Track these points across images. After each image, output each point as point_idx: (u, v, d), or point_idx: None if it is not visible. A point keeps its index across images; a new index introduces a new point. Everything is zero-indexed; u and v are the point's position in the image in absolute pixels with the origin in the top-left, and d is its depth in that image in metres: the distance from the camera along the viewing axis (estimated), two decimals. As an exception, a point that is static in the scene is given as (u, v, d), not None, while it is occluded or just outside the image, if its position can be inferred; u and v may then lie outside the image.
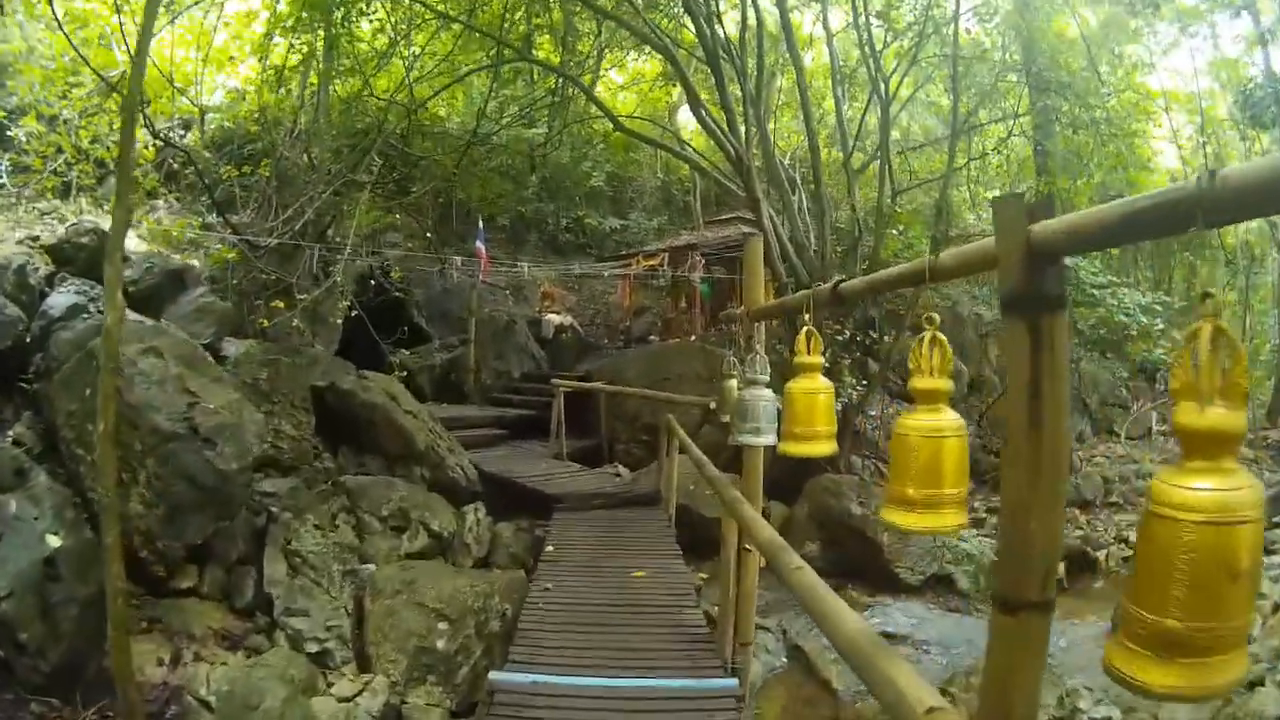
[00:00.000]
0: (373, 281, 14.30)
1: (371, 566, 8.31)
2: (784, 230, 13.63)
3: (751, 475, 5.26)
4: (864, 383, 13.53)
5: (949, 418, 2.25)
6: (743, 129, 13.24)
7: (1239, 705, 5.98)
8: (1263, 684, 6.18)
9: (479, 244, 16.35)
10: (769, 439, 4.27)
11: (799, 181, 16.90)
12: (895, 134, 17.09)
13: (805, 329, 3.51)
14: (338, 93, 14.99)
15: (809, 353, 3.53)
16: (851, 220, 15.24)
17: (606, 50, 19.78)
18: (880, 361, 13.89)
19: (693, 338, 16.86)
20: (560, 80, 17.78)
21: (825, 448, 3.59)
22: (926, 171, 19.43)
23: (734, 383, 5.40)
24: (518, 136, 20.19)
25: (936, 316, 2.33)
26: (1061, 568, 10.84)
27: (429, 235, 17.85)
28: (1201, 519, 1.35)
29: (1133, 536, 12.25)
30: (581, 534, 9.10)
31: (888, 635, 9.01)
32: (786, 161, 17.64)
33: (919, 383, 2.31)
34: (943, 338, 2.32)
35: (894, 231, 15.13)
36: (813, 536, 11.07)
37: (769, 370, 4.40)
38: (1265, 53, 18.34)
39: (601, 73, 21.91)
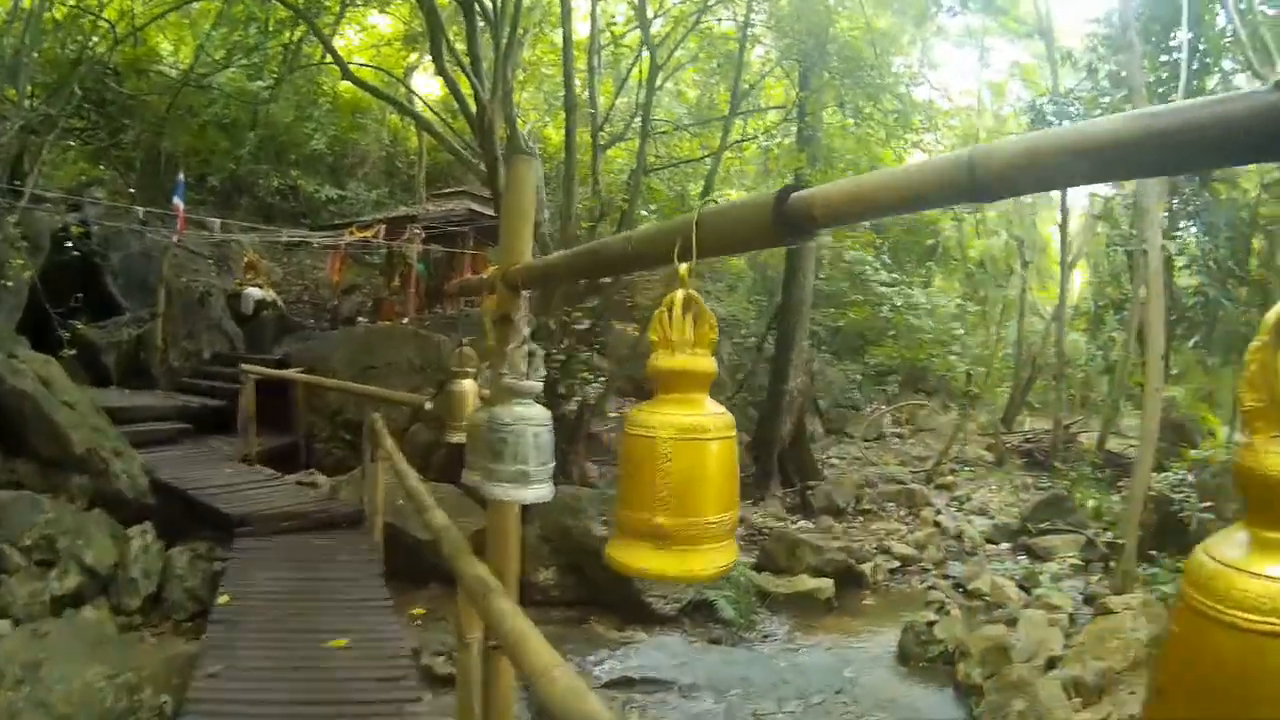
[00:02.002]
0: (68, 243, 12.51)
1: (6, 624, 6.19)
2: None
3: (504, 544, 2.95)
4: (600, 379, 12.23)
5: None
6: (489, 85, 11.63)
7: None
8: None
9: (176, 199, 14.21)
10: (540, 490, 2.64)
11: (539, 154, 15.52)
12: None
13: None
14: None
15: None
16: (596, 198, 14.03)
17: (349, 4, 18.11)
18: (608, 357, 12.74)
19: (405, 320, 15.26)
20: (295, 25, 16.00)
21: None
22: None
23: (469, 387, 3.81)
24: (242, 88, 18.89)
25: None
26: (830, 585, 10.33)
27: (131, 191, 15.92)
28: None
29: (896, 547, 12.31)
30: (267, 574, 6.93)
31: (648, 680, 7.71)
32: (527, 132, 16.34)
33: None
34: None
35: (644, 211, 13.95)
36: (546, 561, 9.37)
37: (542, 372, 2.74)
38: (1054, 75, 19.23)
39: (340, 28, 19.94)
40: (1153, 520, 10.62)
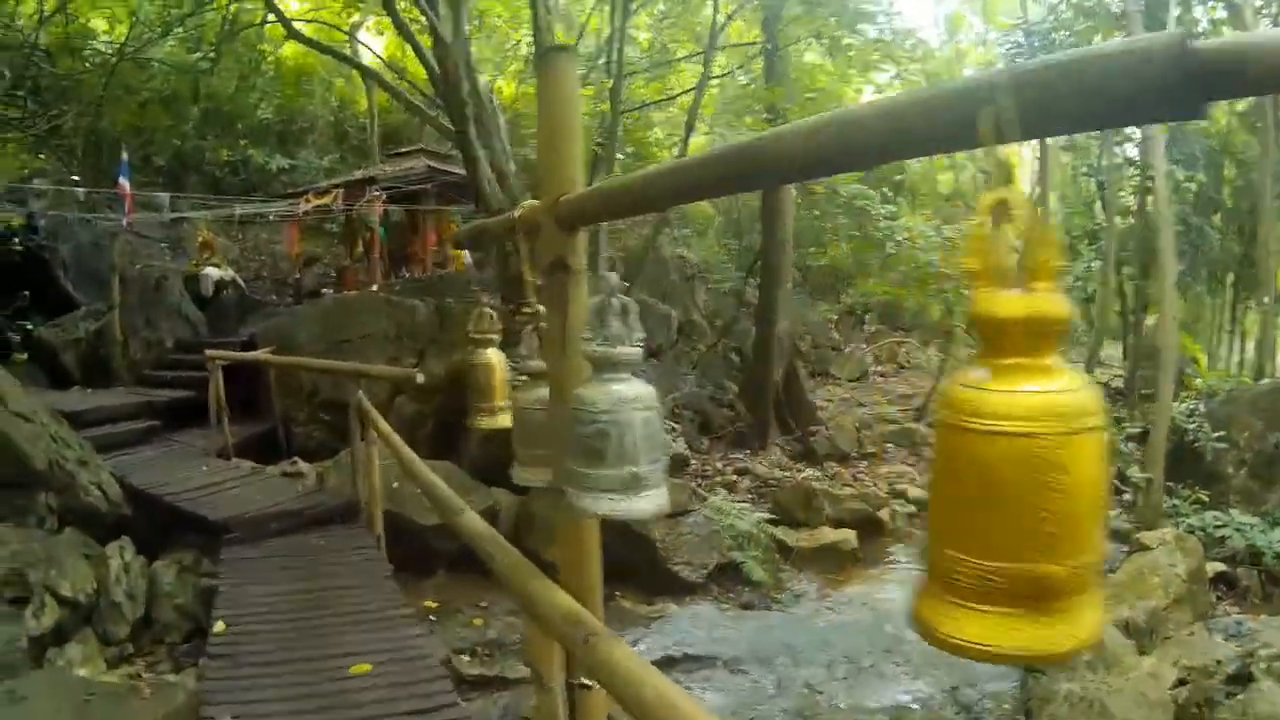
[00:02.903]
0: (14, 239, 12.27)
1: None
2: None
3: (586, 564, 2.40)
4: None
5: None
6: (446, 33, 10.92)
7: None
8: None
9: (122, 180, 13.52)
10: (655, 497, 1.89)
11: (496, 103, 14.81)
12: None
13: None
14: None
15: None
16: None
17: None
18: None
19: (374, 288, 14.49)
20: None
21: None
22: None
23: (495, 359, 2.96)
24: (180, 61, 18.37)
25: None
26: (853, 535, 10.02)
27: (75, 177, 15.22)
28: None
29: (910, 490, 12.01)
30: (264, 589, 6.07)
31: (691, 658, 7.27)
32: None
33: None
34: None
35: (620, 155, 13.36)
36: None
37: (641, 333, 1.96)
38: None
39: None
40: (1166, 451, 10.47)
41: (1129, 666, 6.24)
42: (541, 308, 2.41)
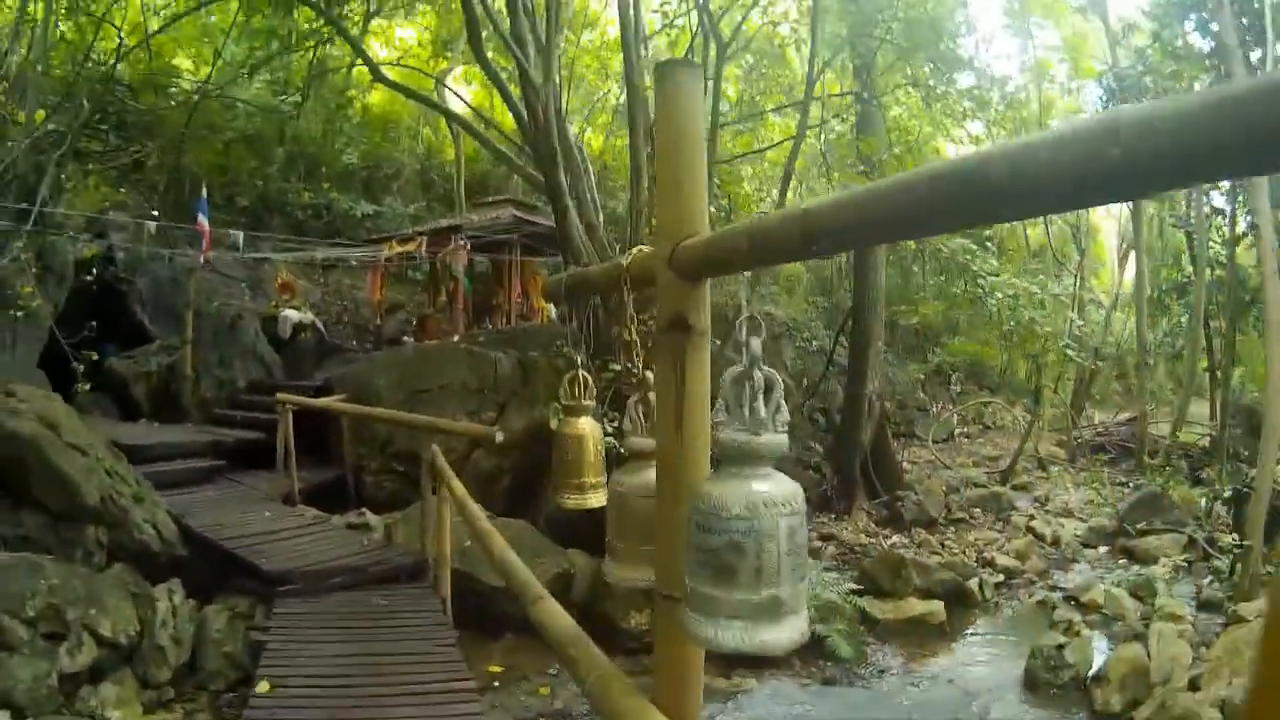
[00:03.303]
0: (92, 270, 12.13)
1: (4, 716, 5.05)
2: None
3: (688, 689, 1.92)
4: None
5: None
6: (537, 76, 10.69)
7: None
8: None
9: (201, 217, 13.41)
10: (797, 625, 1.47)
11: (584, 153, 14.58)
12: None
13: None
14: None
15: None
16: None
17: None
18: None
19: (455, 338, 14.12)
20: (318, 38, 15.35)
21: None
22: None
23: (589, 430, 2.48)
24: (266, 104, 18.53)
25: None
26: (941, 607, 9.54)
27: (154, 212, 14.95)
28: None
29: (998, 559, 11.48)
30: (317, 650, 5.63)
31: None
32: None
33: None
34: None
35: (711, 208, 12.98)
36: (639, 604, 8.23)
37: (787, 417, 1.55)
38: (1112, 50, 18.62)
39: (366, 41, 19.18)
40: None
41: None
42: (650, 374, 1.98)
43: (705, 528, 1.43)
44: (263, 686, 4.96)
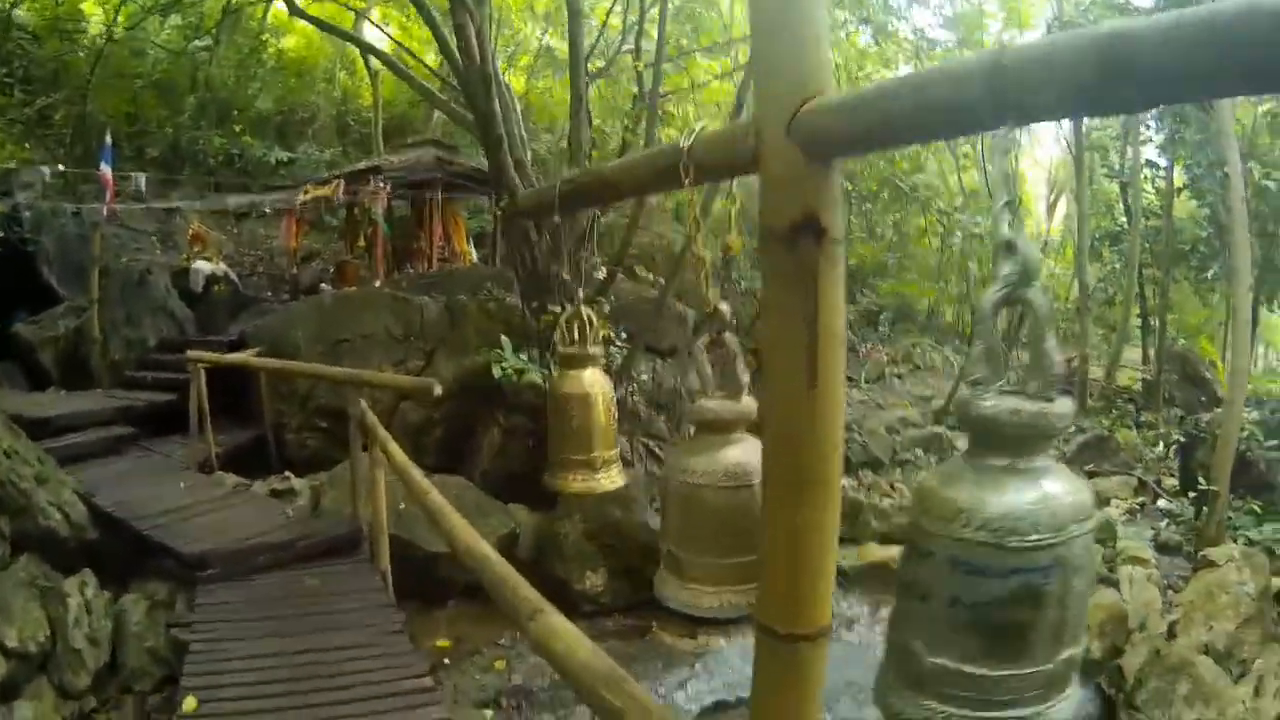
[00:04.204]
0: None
1: None
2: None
3: None
4: (625, 338, 10.74)
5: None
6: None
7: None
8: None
9: (103, 166, 12.78)
10: (1071, 701, 1.02)
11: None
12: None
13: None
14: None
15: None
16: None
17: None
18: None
19: (376, 284, 13.57)
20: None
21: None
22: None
23: (599, 385, 2.10)
24: (177, 47, 18.04)
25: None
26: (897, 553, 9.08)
27: (61, 167, 14.45)
28: None
29: None
30: (245, 647, 4.91)
31: (745, 703, 6.29)
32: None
33: None
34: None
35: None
36: (593, 563, 7.87)
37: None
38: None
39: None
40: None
41: (1229, 699, 5.70)
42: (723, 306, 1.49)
43: (974, 568, 0.98)
44: (189, 704, 4.26)
